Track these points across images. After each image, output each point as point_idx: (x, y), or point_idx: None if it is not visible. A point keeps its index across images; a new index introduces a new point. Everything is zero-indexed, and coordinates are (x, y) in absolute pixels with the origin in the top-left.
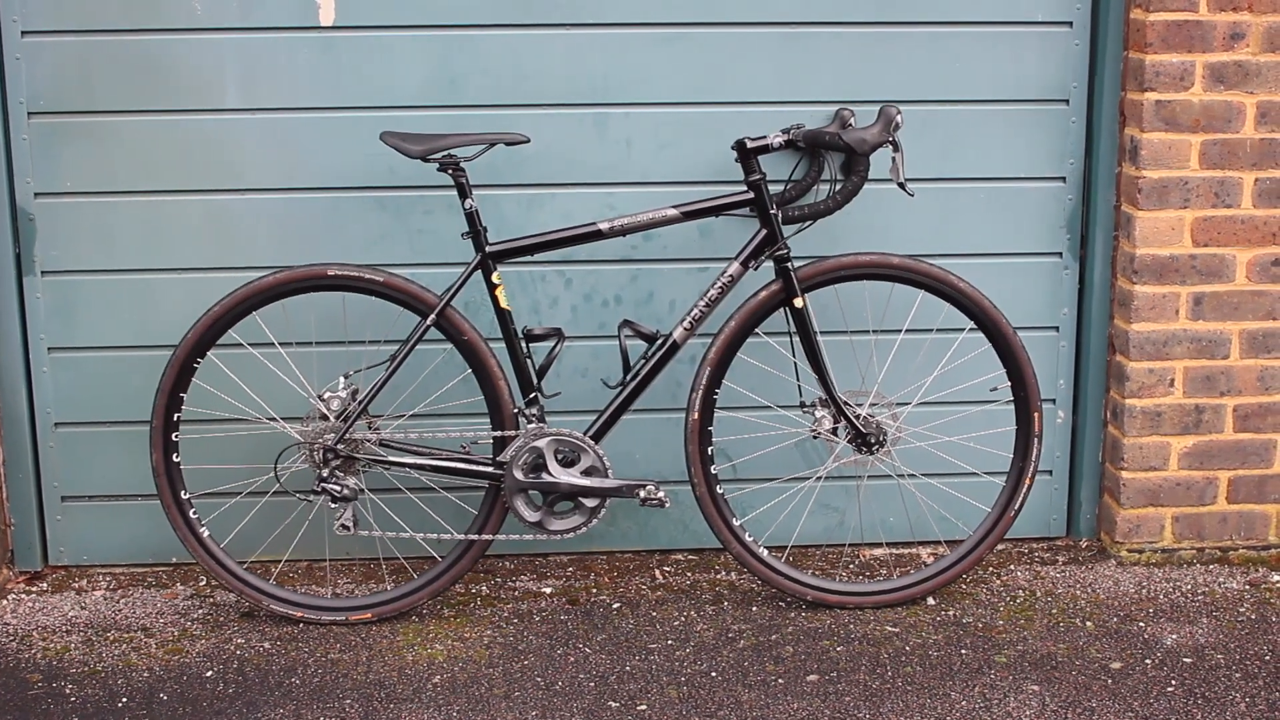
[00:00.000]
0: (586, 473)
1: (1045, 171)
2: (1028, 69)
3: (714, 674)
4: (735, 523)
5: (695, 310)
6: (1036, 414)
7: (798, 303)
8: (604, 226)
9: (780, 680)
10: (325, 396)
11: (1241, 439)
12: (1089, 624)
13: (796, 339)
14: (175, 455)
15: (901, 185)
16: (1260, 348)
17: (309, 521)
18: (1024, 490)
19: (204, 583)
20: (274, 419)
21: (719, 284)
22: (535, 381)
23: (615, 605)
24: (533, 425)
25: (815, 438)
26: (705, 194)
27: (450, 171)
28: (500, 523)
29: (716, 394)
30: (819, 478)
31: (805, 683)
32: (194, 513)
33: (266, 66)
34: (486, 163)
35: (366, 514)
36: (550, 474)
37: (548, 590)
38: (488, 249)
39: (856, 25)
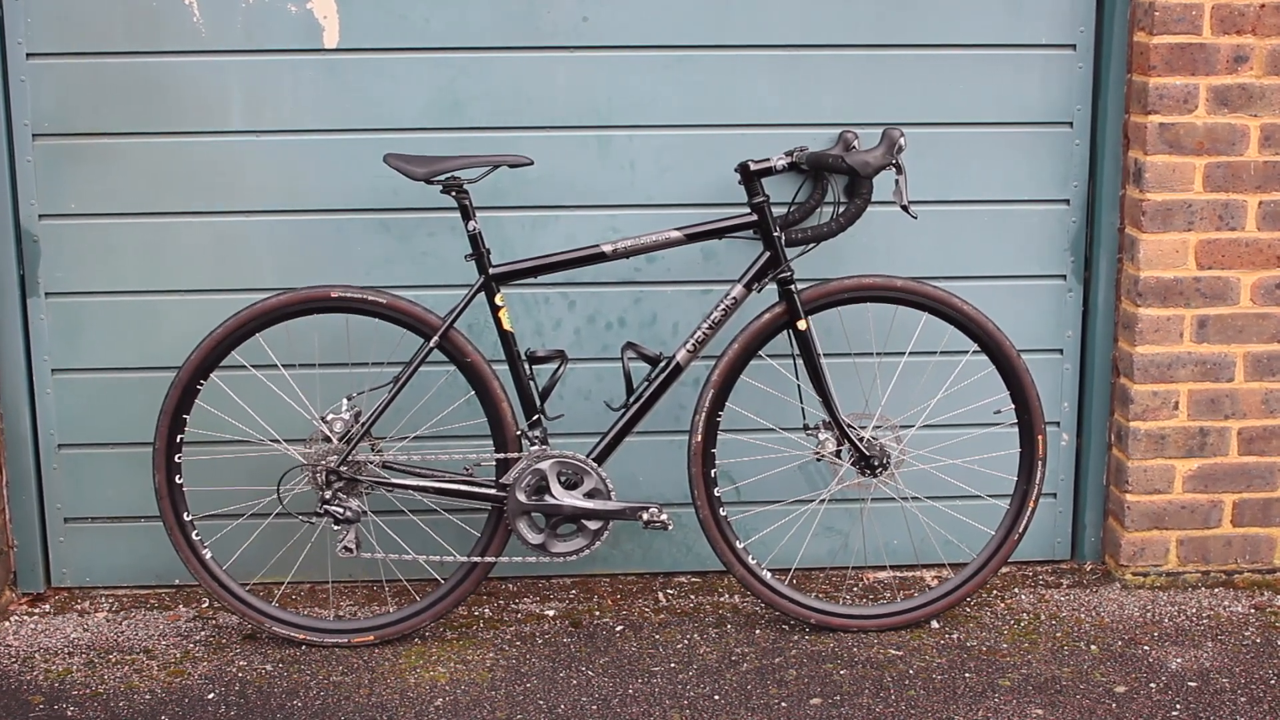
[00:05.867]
0: (589, 495)
1: (1049, 194)
2: (1031, 91)
3: (717, 697)
4: (738, 545)
5: (698, 332)
6: (1040, 437)
7: (801, 325)
8: (607, 249)
9: (784, 704)
10: (328, 418)
11: (1246, 462)
12: (1093, 647)
13: (800, 361)
14: (178, 477)
15: (905, 208)
16: (1265, 370)
17: (312, 543)
18: (1028, 513)
19: (206, 605)
20: (277, 441)
21: (722, 306)
22: (538, 404)
23: (618, 628)
24: (535, 447)
25: (819, 460)
26: (709, 216)
27: (454, 194)
28: (503, 545)
29: (720, 416)
30: (822, 500)
31: (809, 706)
32: (196, 534)
33: (270, 89)
34: (490, 185)
35: (369, 536)
36: (553, 496)
37: (550, 613)
38: (491, 271)
39: (860, 48)
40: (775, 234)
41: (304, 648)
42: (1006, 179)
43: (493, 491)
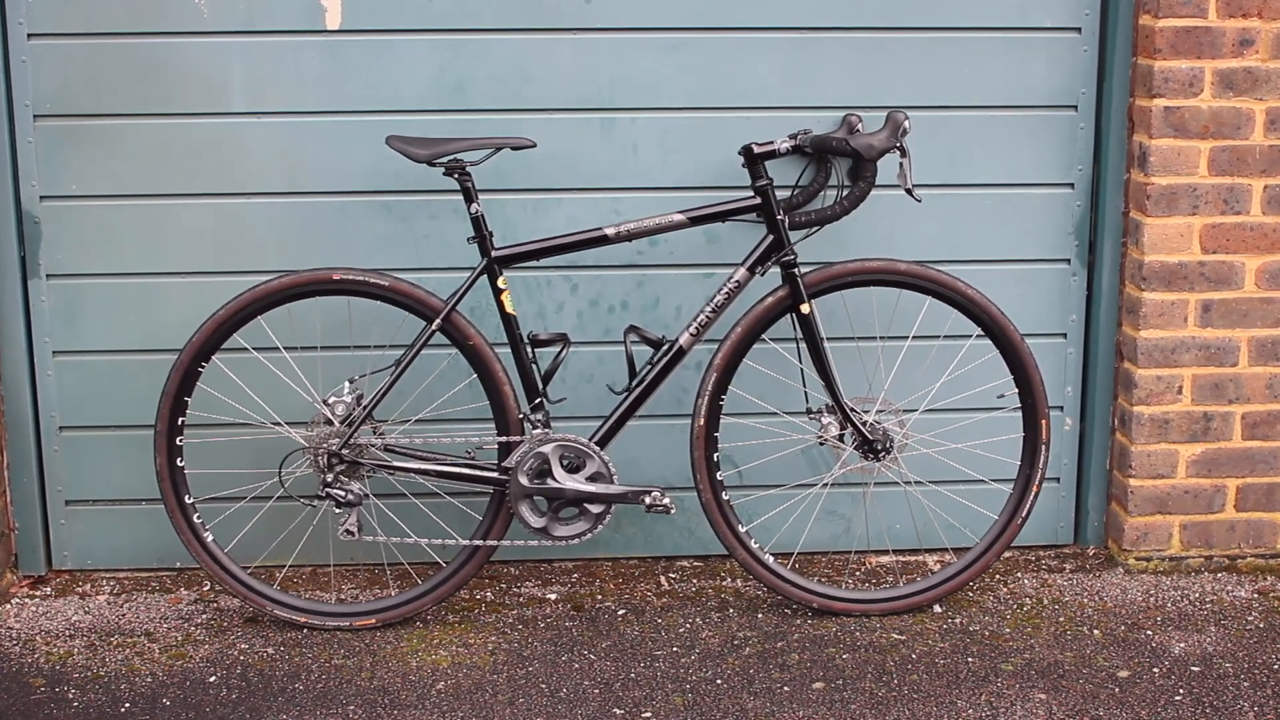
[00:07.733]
0: (592, 479)
1: (1053, 178)
2: (1036, 75)
3: (719, 681)
4: (741, 529)
5: (701, 316)
6: (1044, 421)
7: (804, 309)
8: (610, 232)
9: (786, 688)
10: (330, 401)
11: (1250, 447)
12: (1096, 632)
13: (803, 345)
14: (179, 459)
15: (909, 191)
16: (1269, 355)
17: (313, 527)
18: (1031, 497)
19: (208, 588)
20: (279, 424)
21: (725, 290)
22: (540, 387)
23: (620, 612)
24: (538, 431)
25: (822, 444)
26: (712, 199)
27: (456, 176)
28: (505, 528)
29: (722, 400)
30: (825, 484)
31: (811, 690)
32: (198, 517)
33: (272, 70)
34: (493, 167)
35: (371, 519)
36: (555, 480)
37: (553, 596)
38: (494, 254)
39: (864, 30)
40: (779, 217)
41: (305, 631)
42: (1011, 163)
43: (495, 475)
